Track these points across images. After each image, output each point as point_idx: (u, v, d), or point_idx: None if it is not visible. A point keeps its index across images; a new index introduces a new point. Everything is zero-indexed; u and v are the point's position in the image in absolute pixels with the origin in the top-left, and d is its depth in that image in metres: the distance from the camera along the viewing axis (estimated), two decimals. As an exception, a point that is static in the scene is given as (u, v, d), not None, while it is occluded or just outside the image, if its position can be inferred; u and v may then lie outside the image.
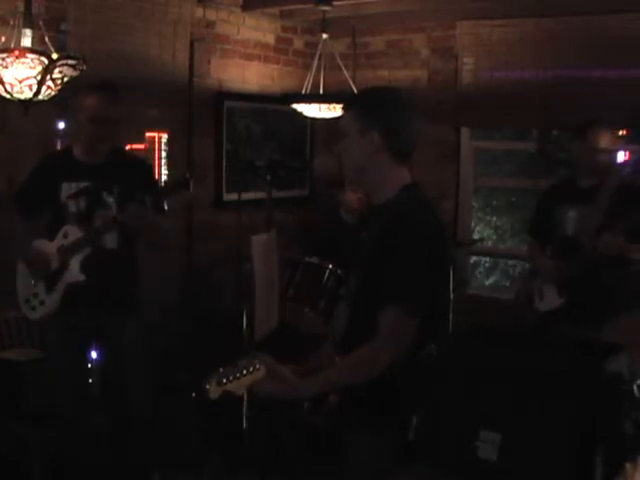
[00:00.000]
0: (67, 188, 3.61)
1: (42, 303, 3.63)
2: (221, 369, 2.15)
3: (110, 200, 3.62)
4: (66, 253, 3.58)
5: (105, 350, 3.81)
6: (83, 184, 3.61)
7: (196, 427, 4.37)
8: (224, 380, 2.13)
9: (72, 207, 3.61)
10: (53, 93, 3.15)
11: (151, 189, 3.75)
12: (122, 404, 3.73)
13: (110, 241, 3.61)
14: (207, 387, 2.12)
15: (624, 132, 5.58)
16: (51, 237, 3.62)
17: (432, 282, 2.25)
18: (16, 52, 2.96)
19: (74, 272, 3.59)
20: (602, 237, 3.73)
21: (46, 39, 3.34)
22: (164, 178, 5.14)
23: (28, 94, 3.07)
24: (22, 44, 3.11)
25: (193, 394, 4.59)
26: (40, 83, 3.03)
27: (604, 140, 3.99)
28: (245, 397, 3.77)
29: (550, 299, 4.04)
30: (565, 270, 3.95)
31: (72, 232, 3.59)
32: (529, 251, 4.51)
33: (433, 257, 2.25)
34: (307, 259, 4.15)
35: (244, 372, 2.16)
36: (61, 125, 4.47)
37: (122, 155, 3.85)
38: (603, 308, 3.83)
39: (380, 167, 2.33)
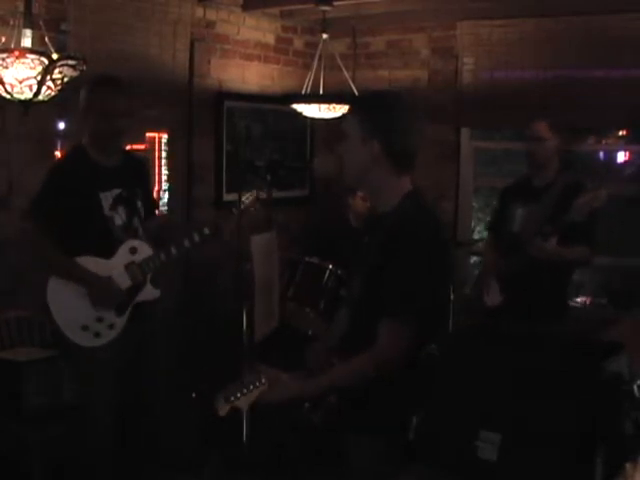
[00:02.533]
0: (105, 199, 3.39)
1: (112, 327, 3.38)
2: (228, 386, 2.19)
3: (139, 205, 3.53)
4: (143, 270, 3.43)
5: (142, 351, 3.64)
6: (115, 191, 3.43)
7: (196, 427, 4.37)
8: (232, 398, 2.19)
9: (117, 220, 3.42)
10: (53, 93, 3.15)
11: (151, 186, 3.83)
12: (148, 404, 3.71)
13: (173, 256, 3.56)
14: (216, 405, 2.16)
15: (624, 132, 5.59)
16: (102, 254, 3.37)
17: (432, 286, 2.26)
18: (16, 52, 2.96)
19: (149, 289, 3.48)
20: (534, 241, 3.79)
21: (46, 39, 3.33)
22: (164, 178, 5.15)
23: (28, 94, 3.06)
24: (22, 44, 3.11)
25: (193, 394, 4.59)
26: (40, 83, 3.03)
27: (538, 130, 4.05)
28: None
29: (494, 295, 4.09)
30: (503, 267, 4.01)
31: (141, 248, 3.43)
32: (484, 246, 4.61)
33: (434, 261, 2.26)
34: (307, 259, 4.15)
35: (250, 388, 2.20)
36: (61, 125, 4.47)
37: (129, 154, 3.76)
38: (541, 307, 3.87)
39: (380, 175, 2.33)
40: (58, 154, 4.41)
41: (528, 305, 3.84)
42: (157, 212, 3.84)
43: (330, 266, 4.06)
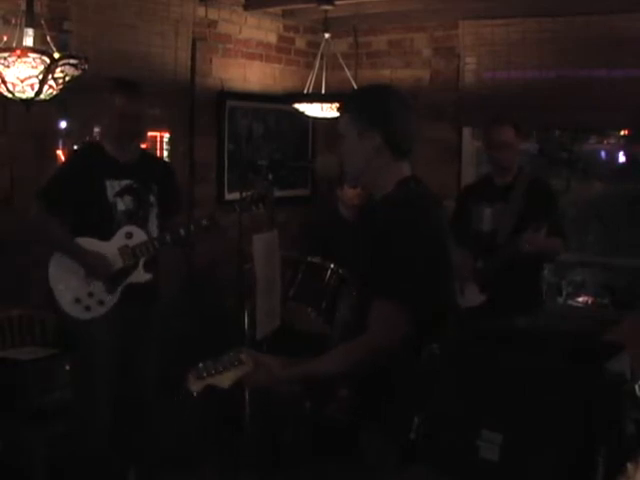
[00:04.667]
0: (111, 186, 3.62)
1: (101, 303, 3.61)
2: (200, 364, 2.17)
3: (152, 199, 3.73)
4: (136, 254, 3.62)
5: (134, 339, 3.77)
6: (125, 182, 3.65)
7: (196, 426, 4.37)
8: (204, 374, 2.17)
9: (120, 205, 3.64)
10: (55, 92, 3.16)
11: (176, 188, 3.98)
12: (136, 392, 3.77)
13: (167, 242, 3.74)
14: (187, 381, 2.15)
15: (626, 132, 5.59)
16: (100, 236, 3.61)
17: (425, 272, 2.22)
18: (18, 51, 2.97)
19: (140, 272, 3.66)
20: (527, 235, 3.80)
21: (48, 38, 3.35)
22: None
23: (30, 93, 3.07)
24: (24, 43, 3.12)
25: (194, 393, 4.59)
26: (42, 82, 3.04)
27: (506, 135, 4.08)
28: (247, 396, 3.79)
29: (471, 296, 4.07)
30: (482, 267, 4.03)
31: (137, 233, 3.64)
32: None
33: (429, 248, 2.24)
34: (309, 259, 4.15)
35: (228, 366, 2.18)
36: (63, 124, 4.47)
37: (149, 155, 3.98)
38: (522, 304, 3.85)
39: (381, 166, 2.34)
40: (60, 153, 4.42)
41: (510, 302, 3.81)
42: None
43: (332, 265, 4.05)
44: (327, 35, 5.07)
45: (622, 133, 5.80)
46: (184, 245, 3.83)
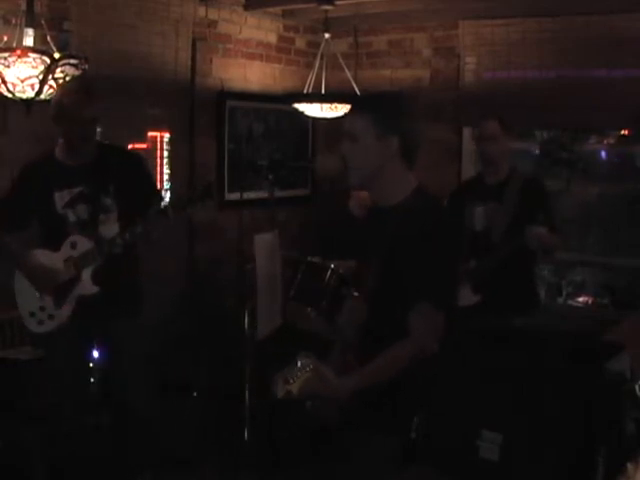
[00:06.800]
0: (60, 197, 3.49)
1: (51, 317, 3.51)
2: (285, 369, 2.20)
3: (109, 202, 3.55)
4: (77, 265, 3.48)
5: (108, 350, 3.74)
6: (76, 190, 3.50)
7: (196, 426, 4.37)
8: (290, 380, 2.19)
9: (71, 217, 3.50)
10: (55, 92, 3.15)
11: (146, 181, 3.80)
12: (122, 404, 3.70)
13: (117, 246, 3.51)
14: (274, 388, 2.19)
15: (626, 132, 5.58)
16: (53, 248, 3.51)
17: (452, 277, 2.34)
18: (18, 51, 2.97)
19: (87, 284, 3.50)
20: (531, 229, 3.80)
21: (48, 38, 3.35)
22: (166, 177, 5.15)
23: (30, 93, 3.07)
24: (24, 43, 3.12)
25: (194, 393, 4.60)
26: (42, 82, 3.04)
27: (492, 128, 4.09)
28: (246, 395, 3.79)
29: (464, 296, 4.05)
30: (476, 267, 4.02)
31: (81, 243, 3.49)
32: None
33: (452, 257, 2.32)
34: (309, 259, 4.15)
35: (302, 372, 2.18)
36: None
37: (109, 151, 3.69)
38: (517, 303, 3.87)
39: (392, 171, 2.36)
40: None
41: (505, 302, 3.82)
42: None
43: (332, 265, 4.06)
44: (327, 35, 5.07)
45: (622, 133, 5.79)
46: (149, 240, 3.64)
